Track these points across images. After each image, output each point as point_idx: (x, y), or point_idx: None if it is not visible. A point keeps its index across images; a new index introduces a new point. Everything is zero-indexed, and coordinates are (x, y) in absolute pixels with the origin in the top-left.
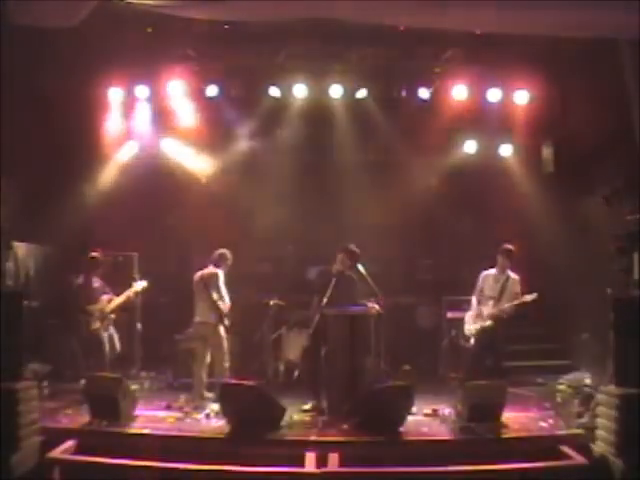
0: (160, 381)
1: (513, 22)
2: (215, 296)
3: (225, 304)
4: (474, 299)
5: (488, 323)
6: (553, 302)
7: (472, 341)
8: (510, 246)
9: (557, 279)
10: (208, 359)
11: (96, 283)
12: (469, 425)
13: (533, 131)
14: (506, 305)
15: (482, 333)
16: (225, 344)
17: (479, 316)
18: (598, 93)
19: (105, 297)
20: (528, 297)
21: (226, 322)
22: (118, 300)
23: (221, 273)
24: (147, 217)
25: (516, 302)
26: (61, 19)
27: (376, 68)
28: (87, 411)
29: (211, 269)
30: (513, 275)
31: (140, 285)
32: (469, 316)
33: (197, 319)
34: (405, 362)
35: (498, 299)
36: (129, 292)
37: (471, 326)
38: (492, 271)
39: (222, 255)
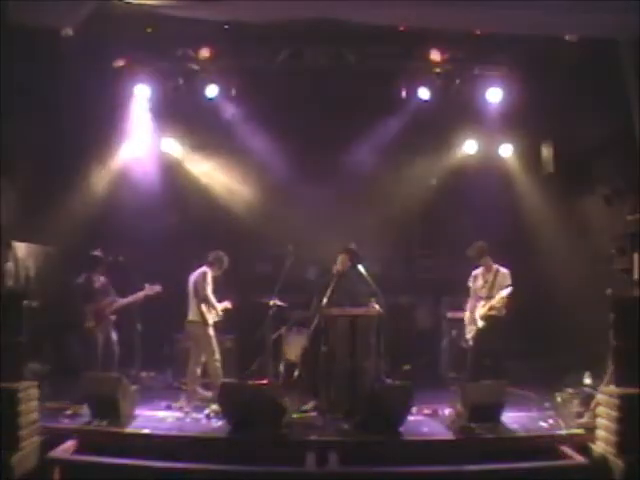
0: (160, 381)
1: (513, 22)
2: (201, 296)
3: (212, 305)
4: (470, 300)
5: (481, 324)
6: (553, 302)
7: (470, 342)
8: (478, 243)
9: (557, 279)
10: (203, 358)
11: (97, 283)
12: (469, 425)
13: (533, 131)
14: (493, 302)
15: (478, 334)
16: (214, 343)
17: (472, 317)
18: (598, 93)
19: (108, 298)
20: (503, 292)
21: (210, 321)
22: (122, 302)
23: (210, 273)
24: (147, 217)
25: (494, 301)
26: (61, 19)
27: (376, 68)
28: (87, 411)
29: (202, 269)
30: (502, 269)
31: (153, 290)
32: (466, 318)
33: (188, 318)
34: (405, 362)
35: (488, 298)
36: (139, 294)
37: (469, 327)
38: (480, 270)
39: (215, 256)
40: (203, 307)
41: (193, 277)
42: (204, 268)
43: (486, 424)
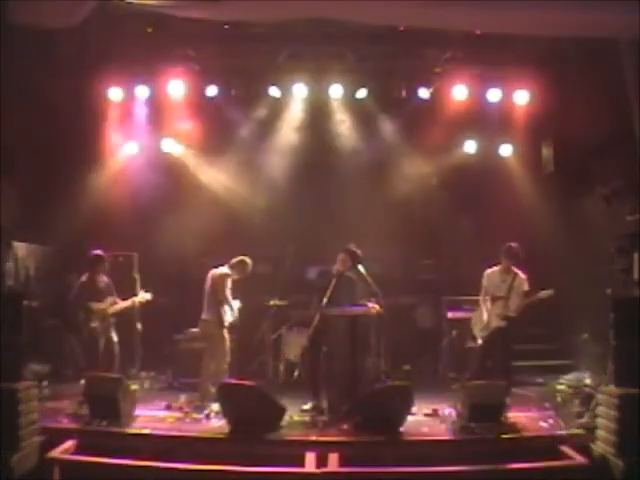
0: (160, 381)
1: (513, 22)
2: (220, 297)
3: (229, 306)
4: (480, 299)
5: (501, 324)
6: (553, 302)
7: (480, 341)
8: (512, 244)
9: (557, 279)
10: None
11: (101, 283)
12: (469, 425)
13: (533, 131)
14: (516, 304)
15: (493, 334)
16: (226, 345)
17: (488, 316)
18: (598, 93)
19: (110, 299)
20: (543, 294)
21: (225, 323)
22: (121, 305)
23: (230, 276)
24: (147, 217)
25: (531, 299)
26: (61, 19)
27: (376, 68)
28: (87, 411)
29: (222, 270)
30: (520, 274)
31: (144, 297)
32: (476, 316)
33: (202, 317)
34: (405, 362)
35: (507, 299)
36: (132, 300)
37: (481, 326)
38: (496, 269)
39: (240, 261)
40: (221, 308)
41: (211, 276)
42: (225, 269)
43: (486, 424)
